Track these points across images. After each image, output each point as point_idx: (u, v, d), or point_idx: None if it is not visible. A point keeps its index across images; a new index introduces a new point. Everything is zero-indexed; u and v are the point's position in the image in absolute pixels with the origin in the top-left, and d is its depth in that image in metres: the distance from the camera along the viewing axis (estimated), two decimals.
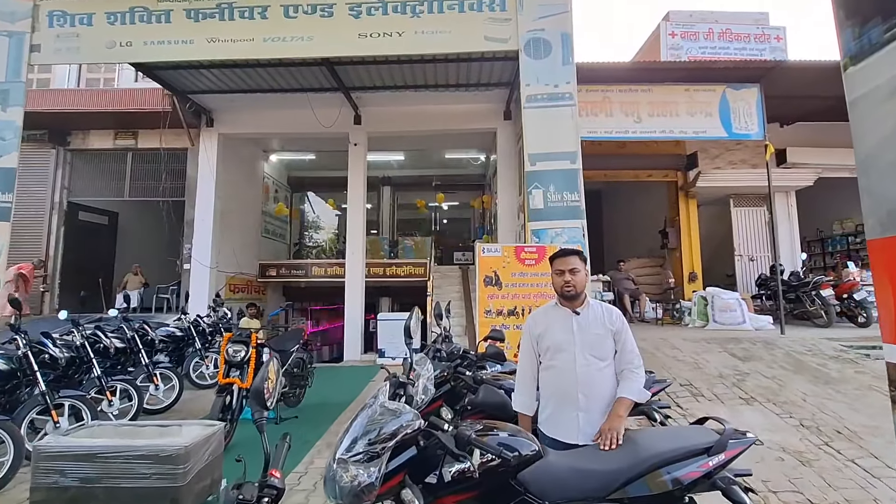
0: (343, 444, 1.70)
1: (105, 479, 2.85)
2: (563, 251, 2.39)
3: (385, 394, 1.83)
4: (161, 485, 2.85)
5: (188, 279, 9.99)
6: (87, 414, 4.33)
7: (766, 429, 4.55)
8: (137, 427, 3.34)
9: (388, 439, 1.67)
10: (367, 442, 1.66)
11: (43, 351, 4.51)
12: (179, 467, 2.87)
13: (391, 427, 1.68)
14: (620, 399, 2.15)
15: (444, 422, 1.78)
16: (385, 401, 1.77)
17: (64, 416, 4.27)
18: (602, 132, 7.10)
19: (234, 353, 4.55)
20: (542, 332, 2.35)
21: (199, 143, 10.27)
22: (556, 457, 1.87)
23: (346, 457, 1.66)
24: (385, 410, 1.74)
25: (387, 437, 1.67)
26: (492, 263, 4.67)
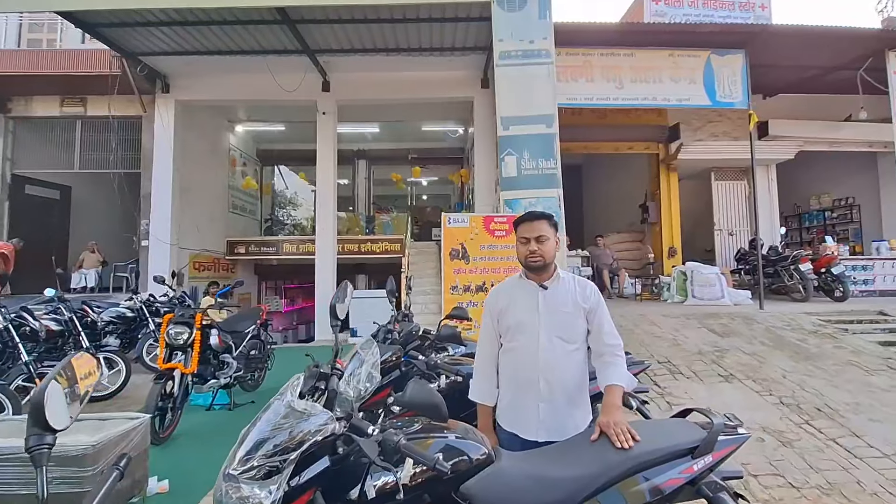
0: (234, 456, 1.33)
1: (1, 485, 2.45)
2: (529, 214, 2.01)
3: (296, 389, 1.45)
4: (65, 490, 2.46)
5: (146, 257, 9.39)
6: (9, 405, 3.88)
7: (745, 408, 4.37)
8: None
9: (293, 448, 1.30)
10: (265, 453, 1.29)
11: None
12: (87, 469, 2.48)
13: (296, 432, 1.31)
14: (611, 387, 1.81)
15: (368, 424, 1.41)
16: (292, 399, 1.39)
17: None
18: (582, 98, 6.70)
19: (175, 335, 4.13)
20: (504, 308, 1.99)
21: (155, 110, 9.51)
22: (510, 462, 1.53)
23: (237, 472, 1.29)
24: (291, 411, 1.37)
25: (290, 447, 1.30)
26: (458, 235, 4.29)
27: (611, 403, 1.73)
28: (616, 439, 1.56)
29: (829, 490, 3.28)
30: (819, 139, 10.02)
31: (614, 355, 1.89)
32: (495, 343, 2.02)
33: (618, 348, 1.92)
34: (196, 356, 4.15)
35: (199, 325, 4.20)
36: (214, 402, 4.86)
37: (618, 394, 1.78)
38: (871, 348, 5.75)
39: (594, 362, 1.94)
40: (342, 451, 1.42)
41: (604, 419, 1.65)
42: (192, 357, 4.14)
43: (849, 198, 11.64)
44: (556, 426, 1.84)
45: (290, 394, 1.43)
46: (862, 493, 3.24)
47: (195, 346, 4.17)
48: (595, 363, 1.93)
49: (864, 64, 8.23)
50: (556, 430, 1.83)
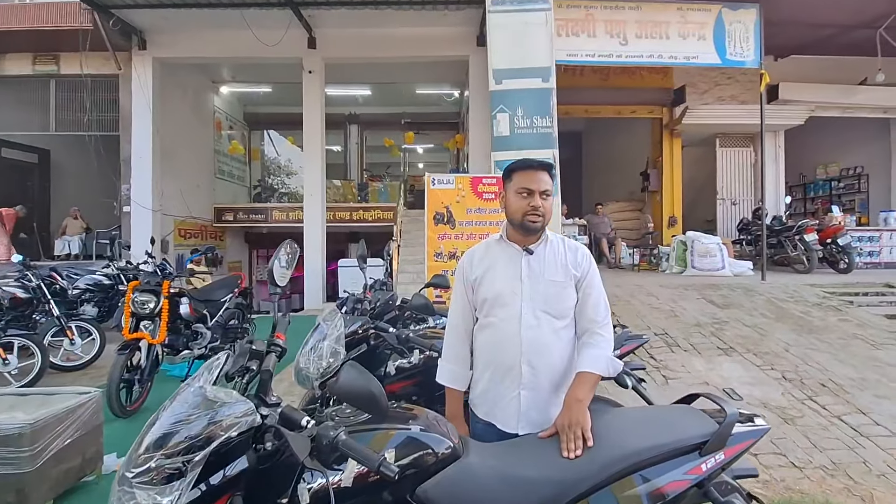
0: (131, 455, 1.06)
1: None
2: (535, 161, 1.64)
3: (214, 371, 1.17)
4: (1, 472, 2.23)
5: (128, 223, 9.06)
6: None
7: (746, 382, 4.17)
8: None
9: (199, 446, 1.03)
10: (166, 452, 1.02)
11: None
12: (23, 450, 2.25)
13: (204, 426, 1.04)
14: (582, 375, 1.49)
15: (303, 415, 1.14)
16: (204, 385, 1.11)
17: None
18: (583, 55, 6.23)
19: (141, 304, 3.86)
20: (480, 276, 1.67)
21: (131, 69, 8.97)
22: (479, 458, 1.27)
23: (132, 475, 1.02)
24: (203, 400, 1.09)
25: (197, 444, 1.03)
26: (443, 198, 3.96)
27: (574, 397, 1.42)
28: (564, 446, 1.29)
29: (834, 471, 3.09)
30: (831, 104, 9.56)
31: (594, 333, 1.58)
32: (469, 317, 1.72)
33: (601, 325, 1.60)
34: (164, 326, 3.90)
35: (166, 294, 3.93)
36: (190, 372, 4.64)
37: (587, 384, 1.47)
38: (876, 321, 5.53)
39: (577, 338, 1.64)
40: (271, 445, 1.15)
41: (561, 418, 1.36)
42: (161, 327, 3.88)
43: (857, 167, 11.25)
44: (540, 418, 1.55)
45: (203, 378, 1.15)
46: (868, 473, 3.06)
47: (163, 315, 3.90)
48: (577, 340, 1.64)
49: (885, 22, 7.72)
50: (541, 422, 1.54)
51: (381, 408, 1.06)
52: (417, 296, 2.40)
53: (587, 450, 1.24)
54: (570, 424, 1.33)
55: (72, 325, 5.12)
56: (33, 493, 2.29)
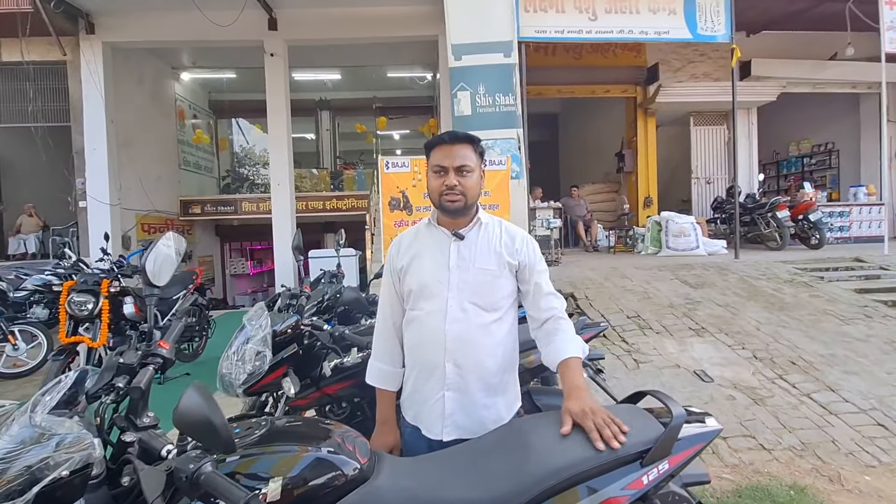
0: None
1: None
2: (448, 135, 1.48)
3: (56, 393, 0.96)
4: None
5: (86, 219, 8.62)
6: None
7: (717, 363, 4.10)
8: None
9: (21, 489, 0.82)
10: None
11: None
12: None
13: (26, 462, 0.84)
14: (568, 363, 1.33)
15: (164, 443, 0.94)
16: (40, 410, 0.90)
17: None
18: (552, 31, 6.00)
19: (78, 305, 3.58)
20: (406, 265, 1.50)
21: (79, 55, 8.44)
22: (392, 478, 1.09)
23: None
24: (34, 432, 0.89)
25: (16, 487, 0.83)
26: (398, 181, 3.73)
27: (576, 385, 1.27)
28: (597, 434, 1.11)
29: (803, 451, 3.03)
30: (802, 80, 9.55)
31: (559, 318, 1.43)
32: (398, 310, 1.54)
33: (562, 310, 1.45)
34: (105, 327, 3.64)
35: (105, 293, 3.66)
36: None
37: (578, 368, 1.33)
38: (846, 296, 5.53)
39: (534, 333, 1.48)
40: (128, 481, 0.96)
41: (575, 405, 1.19)
42: (101, 329, 3.62)
43: (828, 143, 11.32)
44: (467, 422, 1.39)
45: (42, 403, 0.94)
46: (837, 452, 3.00)
47: (104, 316, 3.64)
48: (536, 334, 1.47)
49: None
50: (469, 426, 1.38)
51: (224, 443, 0.86)
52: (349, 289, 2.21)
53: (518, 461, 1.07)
54: (591, 411, 1.16)
55: (14, 330, 4.81)
56: None
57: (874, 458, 2.92)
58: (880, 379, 3.77)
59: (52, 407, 0.95)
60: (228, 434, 0.84)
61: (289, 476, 1.00)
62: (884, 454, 2.94)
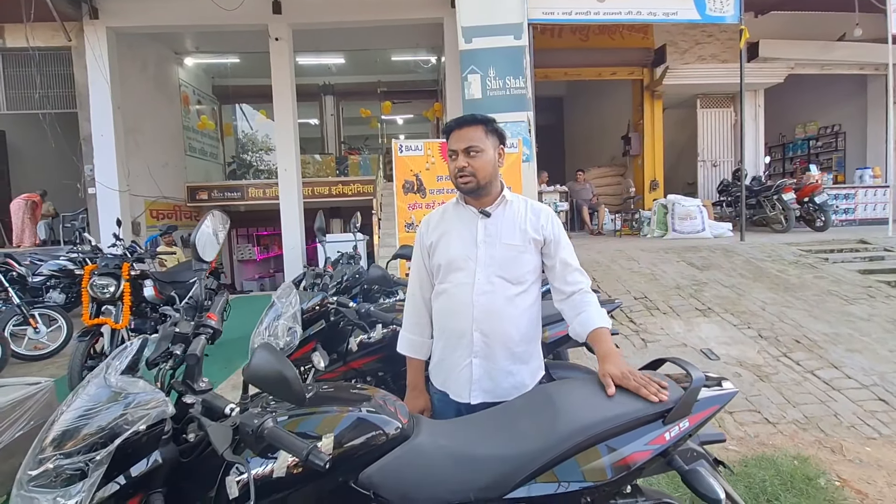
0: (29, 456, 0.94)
1: None
2: (458, 120, 1.55)
3: (124, 358, 1.05)
4: None
5: (95, 205, 8.70)
6: None
7: (723, 342, 4.18)
8: None
9: (103, 443, 0.91)
10: (66, 451, 0.91)
11: None
12: None
13: (105, 421, 0.93)
14: (600, 332, 1.43)
15: (227, 402, 1.03)
16: (109, 375, 0.99)
17: None
18: (560, 13, 5.96)
19: (100, 288, 3.68)
20: (436, 241, 1.59)
21: (84, 40, 8.43)
22: (430, 436, 1.18)
23: (28, 477, 0.91)
24: (109, 392, 0.97)
25: (100, 441, 0.91)
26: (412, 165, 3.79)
27: (611, 350, 1.36)
28: (646, 391, 1.19)
29: (806, 424, 3.13)
30: (810, 61, 9.46)
31: (585, 293, 1.52)
32: (427, 285, 1.63)
33: (587, 283, 1.55)
34: (127, 309, 3.74)
35: (126, 276, 3.75)
36: None
37: (609, 337, 1.42)
38: (850, 277, 5.59)
39: (559, 305, 1.57)
40: (194, 437, 1.05)
41: (614, 369, 1.26)
42: (123, 311, 3.72)
43: (835, 125, 11.25)
44: (493, 386, 1.49)
45: (113, 366, 1.02)
46: (839, 425, 3.10)
47: (125, 298, 3.74)
48: (562, 305, 1.55)
49: None
50: (493, 390, 1.49)
51: (296, 395, 0.95)
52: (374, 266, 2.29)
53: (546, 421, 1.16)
54: (630, 372, 1.25)
55: (35, 313, 4.92)
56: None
57: (875, 430, 3.02)
58: (882, 356, 3.85)
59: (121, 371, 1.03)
60: (300, 386, 0.93)
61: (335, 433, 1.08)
62: (884, 427, 3.04)
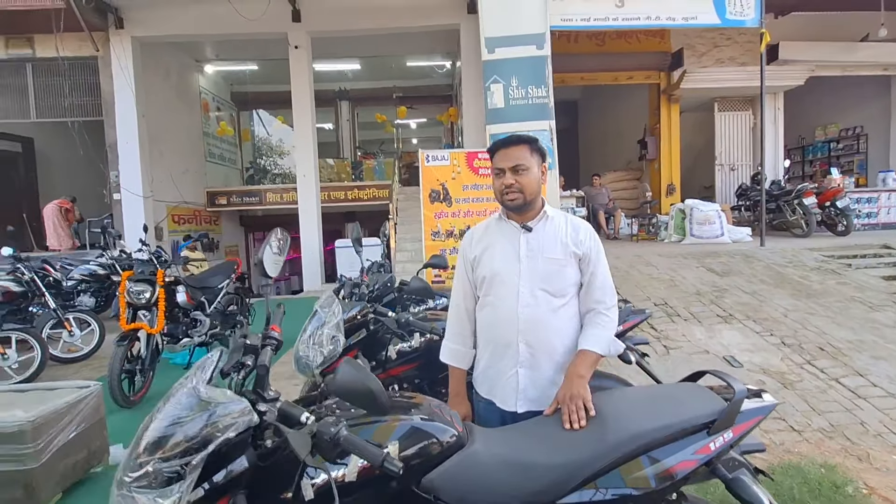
0: (128, 458, 1.03)
1: None
2: (504, 140, 1.62)
3: (207, 370, 1.14)
4: (5, 469, 2.23)
5: (120, 211, 8.93)
6: None
7: (745, 349, 4.19)
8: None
9: (196, 449, 1.00)
10: (163, 455, 0.99)
11: None
12: (26, 446, 2.24)
13: (197, 428, 1.01)
14: (583, 353, 1.52)
15: (302, 410, 1.11)
16: (197, 385, 1.08)
17: None
18: (578, 19, 6.00)
19: (136, 294, 3.81)
20: (479, 255, 1.66)
21: (110, 50, 8.66)
22: (485, 444, 1.25)
23: (129, 479, 0.99)
24: (197, 401, 1.06)
25: (193, 447, 1.00)
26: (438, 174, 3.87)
27: (573, 373, 1.46)
28: (565, 419, 1.32)
29: (832, 432, 3.14)
30: (832, 62, 9.35)
31: (599, 313, 1.58)
32: (470, 296, 1.70)
33: (606, 305, 1.59)
34: (162, 315, 3.87)
35: (161, 283, 3.88)
36: (192, 360, 4.64)
37: (588, 361, 1.50)
38: (874, 283, 5.54)
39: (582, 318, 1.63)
40: (271, 443, 1.13)
41: (562, 391, 1.40)
42: (158, 316, 3.85)
43: (857, 127, 11.10)
44: (538, 396, 1.55)
45: (197, 377, 1.11)
46: (865, 434, 3.11)
47: (160, 304, 3.87)
48: (583, 319, 1.62)
49: None
50: (539, 400, 1.55)
51: (381, 406, 1.03)
52: (416, 279, 2.36)
53: (595, 431, 1.23)
54: (571, 397, 1.36)
55: (69, 317, 5.09)
56: (41, 488, 2.30)
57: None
58: None
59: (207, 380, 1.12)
60: (386, 398, 1.01)
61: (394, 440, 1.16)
62: None
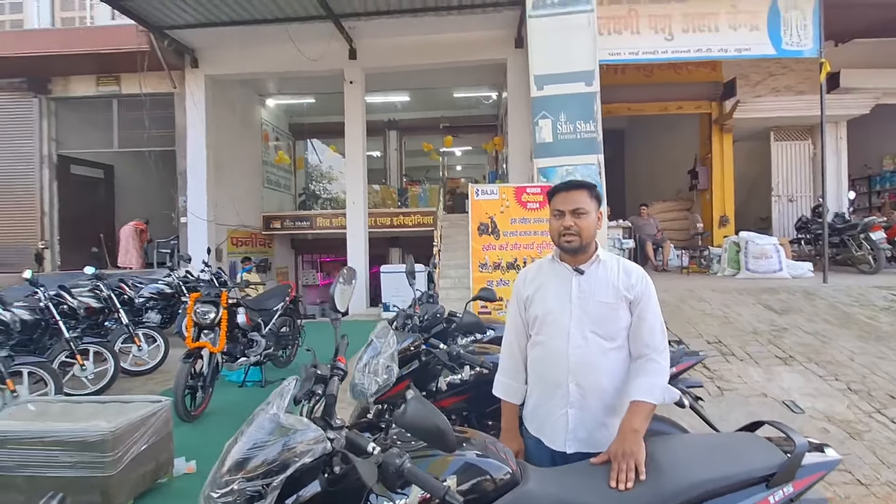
0: (214, 476, 1.15)
1: (26, 468, 2.46)
2: (566, 184, 1.69)
3: (285, 397, 1.25)
4: (87, 474, 2.44)
5: (186, 234, 9.59)
6: (51, 381, 3.99)
7: (807, 394, 3.96)
8: (72, 406, 2.92)
9: (276, 471, 1.10)
10: (246, 475, 1.11)
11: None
12: (107, 455, 2.45)
13: (280, 453, 1.12)
14: (636, 405, 1.49)
15: (368, 440, 1.20)
16: (278, 411, 1.19)
17: (23, 385, 3.93)
18: (626, 53, 6.07)
19: (202, 314, 4.09)
20: (532, 294, 1.71)
21: (185, 86, 9.50)
22: (539, 483, 1.29)
23: (216, 496, 1.11)
24: (277, 426, 1.17)
25: (274, 469, 1.10)
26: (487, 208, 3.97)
27: (627, 427, 1.43)
28: (614, 476, 1.30)
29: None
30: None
31: (650, 360, 1.57)
32: (522, 334, 1.75)
33: (658, 351, 1.58)
34: (224, 335, 4.12)
35: (225, 304, 4.15)
36: (246, 378, 4.88)
37: (642, 414, 1.47)
38: None
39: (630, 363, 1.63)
40: (339, 469, 1.22)
41: (615, 447, 1.38)
42: (220, 336, 4.10)
43: None
44: (588, 437, 1.57)
45: (276, 404, 1.23)
46: None
47: (222, 324, 4.13)
48: (631, 365, 1.62)
49: None
50: (589, 441, 1.57)
51: (448, 443, 1.10)
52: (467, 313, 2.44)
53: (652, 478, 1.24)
54: (623, 454, 1.34)
55: (139, 332, 5.48)
56: (116, 495, 2.49)
57: None
58: None
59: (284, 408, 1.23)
60: (453, 436, 1.08)
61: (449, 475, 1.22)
62: None
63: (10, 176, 9.98)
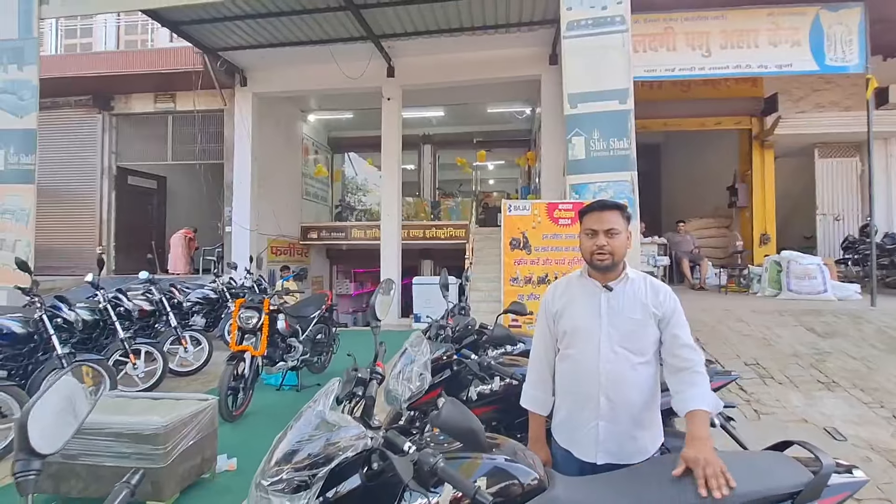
0: (265, 465, 1.28)
1: (86, 457, 2.68)
2: (597, 203, 1.75)
3: (329, 396, 1.37)
4: (141, 465, 2.63)
5: (230, 242, 10.07)
6: (106, 378, 4.28)
7: (850, 421, 3.81)
8: (129, 400, 3.16)
9: (322, 463, 1.22)
10: (294, 466, 1.23)
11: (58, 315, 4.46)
12: (158, 448, 2.64)
13: (325, 446, 1.23)
14: (694, 414, 1.52)
15: (405, 440, 1.30)
16: (323, 409, 1.31)
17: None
18: (662, 70, 6.06)
19: (246, 319, 4.33)
20: (561, 309, 1.77)
21: (234, 103, 10.07)
22: (566, 491, 1.35)
23: (267, 483, 1.23)
24: (322, 422, 1.29)
25: (319, 461, 1.22)
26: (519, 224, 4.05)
27: (698, 435, 1.44)
28: (704, 483, 1.30)
29: None
30: None
31: (695, 372, 1.60)
32: (550, 348, 1.82)
33: (697, 363, 1.62)
34: (265, 339, 4.33)
35: (267, 311, 4.37)
36: (284, 382, 5.08)
37: (704, 421, 1.50)
38: None
39: (668, 378, 1.66)
40: (377, 466, 1.33)
41: (691, 453, 1.38)
42: (262, 340, 4.32)
43: None
44: (617, 449, 1.62)
45: (322, 402, 1.35)
46: None
47: (264, 329, 4.34)
48: (670, 380, 1.65)
49: None
50: (618, 453, 1.62)
51: (479, 442, 1.19)
52: (498, 326, 2.52)
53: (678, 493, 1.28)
54: (706, 462, 1.34)
55: (186, 335, 5.79)
56: (165, 487, 2.68)
57: None
58: None
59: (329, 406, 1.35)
60: (484, 437, 1.18)
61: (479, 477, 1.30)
62: None
63: (74, 185, 10.79)
